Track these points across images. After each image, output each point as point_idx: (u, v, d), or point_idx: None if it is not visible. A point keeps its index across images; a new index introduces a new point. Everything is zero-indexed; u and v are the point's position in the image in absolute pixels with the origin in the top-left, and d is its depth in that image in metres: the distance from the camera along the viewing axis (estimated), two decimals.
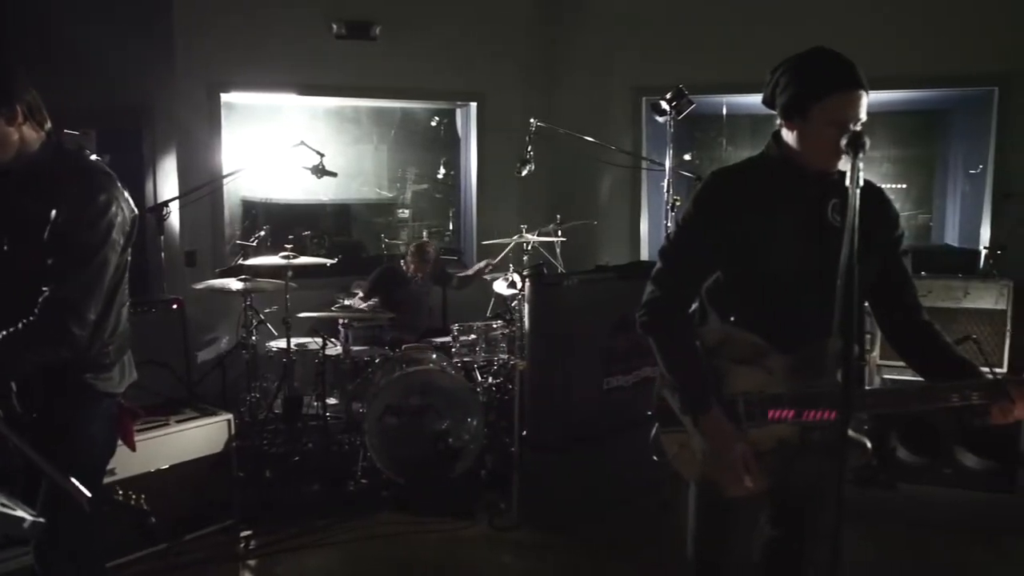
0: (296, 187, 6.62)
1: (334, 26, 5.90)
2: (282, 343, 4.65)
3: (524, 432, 4.02)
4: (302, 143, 4.74)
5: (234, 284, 4.50)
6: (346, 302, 5.05)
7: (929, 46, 5.63)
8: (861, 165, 1.71)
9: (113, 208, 2.17)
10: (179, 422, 3.75)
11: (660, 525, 4.07)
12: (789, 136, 2.03)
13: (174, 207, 4.83)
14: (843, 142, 1.80)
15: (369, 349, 4.96)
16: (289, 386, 4.76)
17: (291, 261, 4.51)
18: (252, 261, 4.82)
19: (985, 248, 5.18)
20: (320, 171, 4.78)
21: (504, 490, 4.19)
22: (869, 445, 2.01)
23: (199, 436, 3.77)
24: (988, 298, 4.74)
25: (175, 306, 4.08)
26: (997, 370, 4.70)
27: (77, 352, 2.12)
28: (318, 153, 4.74)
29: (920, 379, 2.23)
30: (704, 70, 5.90)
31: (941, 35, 5.62)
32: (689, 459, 2.10)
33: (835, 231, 1.90)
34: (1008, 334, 4.73)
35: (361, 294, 5.25)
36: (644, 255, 6.36)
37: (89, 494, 1.80)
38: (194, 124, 5.60)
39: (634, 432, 4.09)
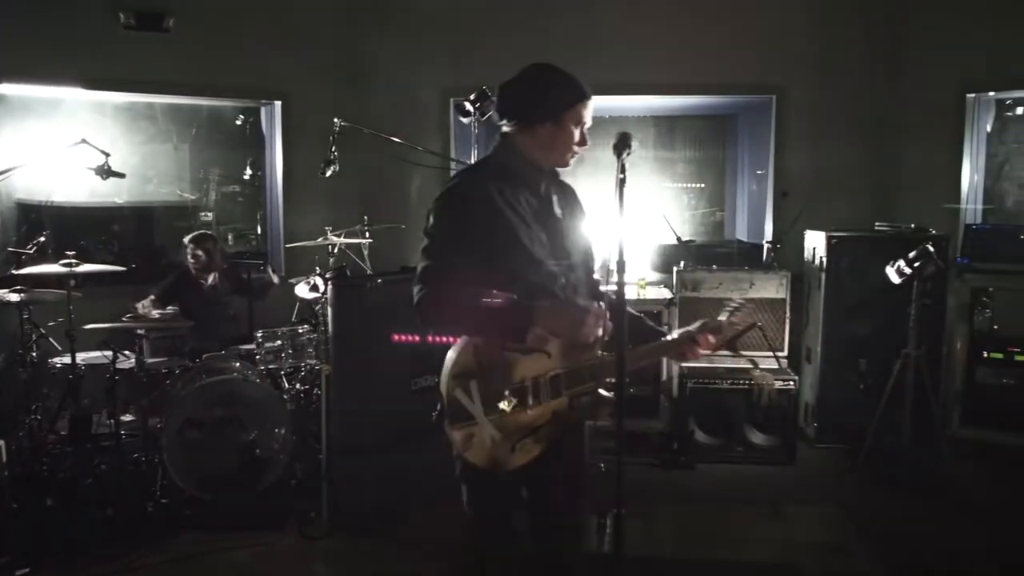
0: (84, 188, 6.13)
1: (122, 16, 5.52)
2: (67, 358, 4.29)
3: (332, 437, 3.93)
4: (84, 141, 4.38)
5: (8, 296, 4.10)
6: (141, 311, 4.73)
7: (717, 58, 6.07)
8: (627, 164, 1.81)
9: None
10: None
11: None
12: (527, 140, 2.29)
13: None
14: (614, 140, 1.92)
15: (167, 360, 4.67)
16: (76, 404, 4.39)
17: (74, 269, 4.17)
18: (29, 270, 4.40)
19: (767, 242, 5.62)
20: (105, 172, 4.42)
21: (315, 498, 4.08)
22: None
23: None
24: (770, 288, 5.14)
25: None
26: (780, 354, 5.12)
27: None
28: (103, 152, 4.40)
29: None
30: (511, 72, 6.03)
31: (726, 48, 6.06)
32: (479, 447, 2.22)
33: (559, 220, 2.33)
34: (787, 320, 5.16)
35: (152, 301, 4.93)
36: None
37: None
38: None
39: (443, 430, 4.15)
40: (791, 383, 4.86)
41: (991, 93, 5.81)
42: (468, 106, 5.05)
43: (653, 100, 6.56)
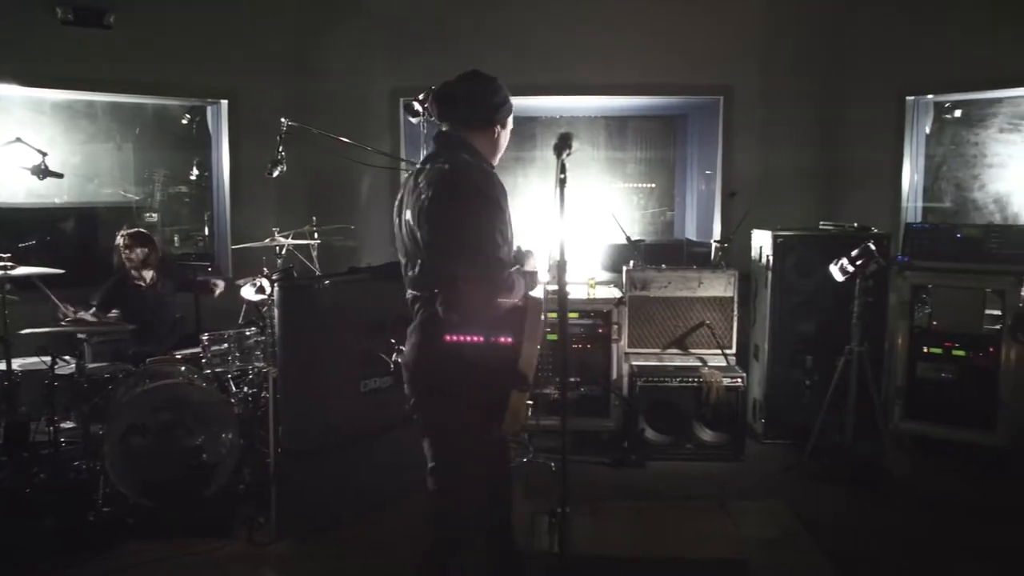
0: (21, 189, 5.94)
1: (59, 10, 5.36)
2: (2, 364, 4.16)
3: (280, 441, 3.87)
4: (18, 140, 4.26)
5: None
6: (79, 314, 4.60)
7: (667, 59, 6.14)
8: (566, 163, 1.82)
9: None
10: None
11: (424, 524, 4.08)
12: (484, 141, 2.57)
13: None
14: (555, 140, 1.94)
15: (109, 365, 4.55)
16: (12, 411, 4.25)
17: (8, 272, 4.04)
18: None
19: (715, 241, 5.69)
20: (42, 172, 4.32)
21: (264, 503, 4.02)
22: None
23: None
24: (718, 286, 5.21)
25: None
26: (728, 352, 5.19)
27: None
28: (39, 152, 4.29)
29: None
30: (462, 71, 6.02)
31: (676, 49, 6.13)
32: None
33: None
34: (735, 318, 5.23)
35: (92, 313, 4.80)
36: None
37: None
38: None
39: (394, 432, 4.11)
40: (739, 380, 4.93)
41: (929, 96, 5.97)
42: (417, 106, 5.03)
43: (604, 100, 6.60)
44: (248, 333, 4.56)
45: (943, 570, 3.70)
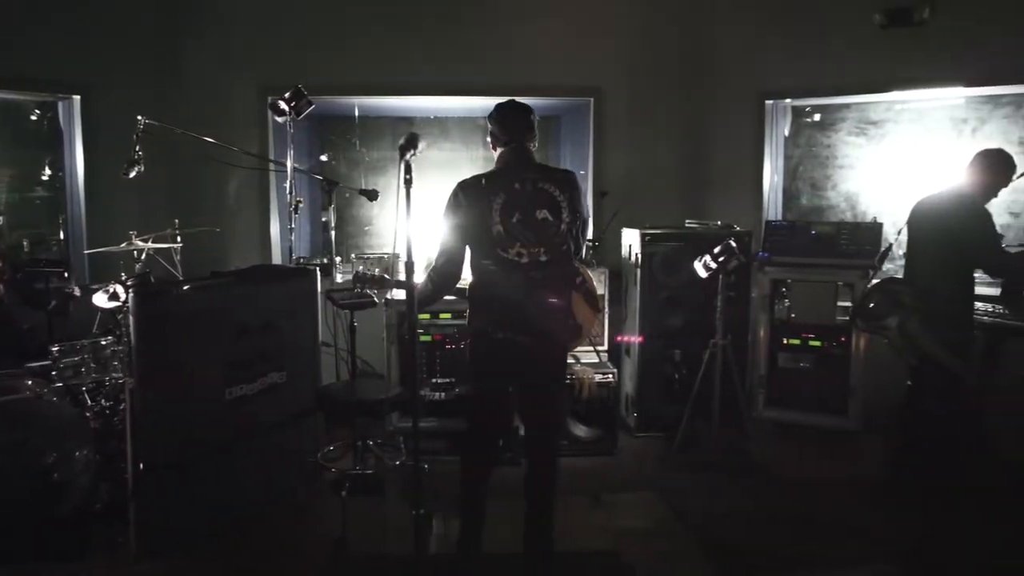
0: None
1: None
2: None
3: (139, 455, 3.68)
4: None
5: None
6: None
7: (539, 60, 6.21)
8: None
9: None
10: None
11: (295, 532, 3.99)
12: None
13: None
14: (401, 140, 1.91)
15: None
16: None
17: None
18: None
19: (588, 241, 5.78)
20: None
21: (124, 522, 3.81)
22: None
23: None
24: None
25: None
26: (600, 348, 5.30)
27: None
28: None
29: None
30: (335, 72, 5.91)
31: (548, 51, 6.22)
32: None
33: None
34: (607, 316, 5.35)
35: None
36: (276, 257, 6.19)
37: None
38: None
39: (262, 440, 4.00)
40: (611, 376, 5.04)
41: (787, 100, 6.29)
42: (282, 104, 4.91)
43: (480, 101, 6.61)
44: (104, 343, 4.31)
45: (803, 547, 3.90)
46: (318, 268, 4.62)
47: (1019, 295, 4.50)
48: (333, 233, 5.05)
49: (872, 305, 4.43)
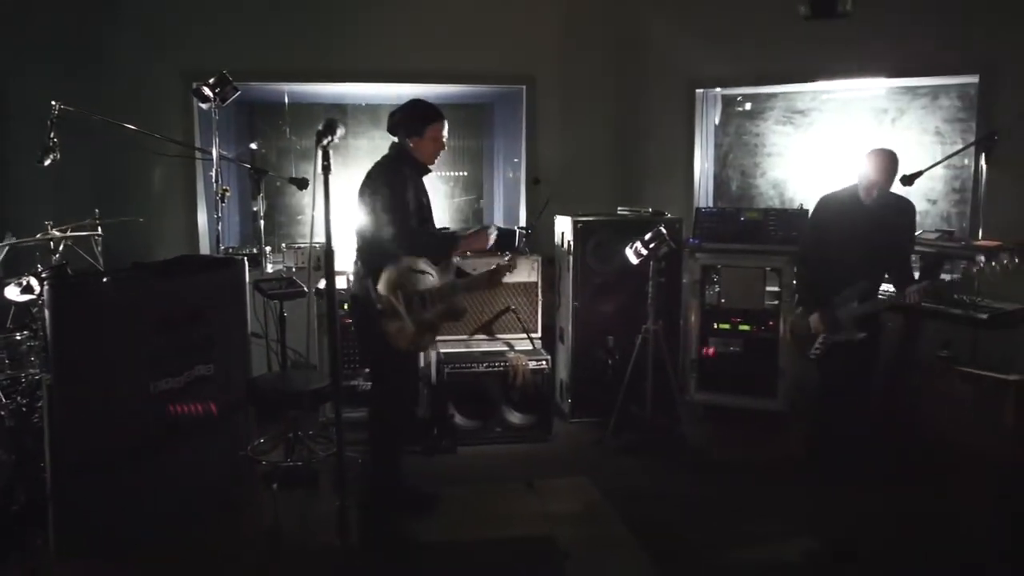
0: None
1: None
2: None
3: (58, 454, 3.55)
4: None
5: None
6: None
7: (472, 47, 6.18)
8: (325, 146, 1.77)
9: None
10: None
11: (225, 527, 3.91)
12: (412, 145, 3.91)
13: None
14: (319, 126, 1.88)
15: None
16: None
17: None
18: None
19: (519, 228, 5.80)
20: None
21: (42, 524, 3.68)
22: None
23: None
24: (523, 272, 5.32)
25: None
26: (534, 335, 5.32)
27: None
28: None
29: None
30: (261, 58, 5.78)
31: (481, 38, 6.19)
32: (403, 336, 3.49)
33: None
34: (540, 302, 5.37)
35: None
36: (204, 248, 6.04)
37: None
38: None
39: (190, 434, 3.90)
40: (544, 363, 5.07)
41: (717, 89, 6.38)
42: (206, 91, 4.79)
43: (412, 88, 6.55)
44: (20, 337, 4.15)
45: (732, 527, 3.99)
46: (246, 258, 4.52)
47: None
48: (262, 223, 4.94)
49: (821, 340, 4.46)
